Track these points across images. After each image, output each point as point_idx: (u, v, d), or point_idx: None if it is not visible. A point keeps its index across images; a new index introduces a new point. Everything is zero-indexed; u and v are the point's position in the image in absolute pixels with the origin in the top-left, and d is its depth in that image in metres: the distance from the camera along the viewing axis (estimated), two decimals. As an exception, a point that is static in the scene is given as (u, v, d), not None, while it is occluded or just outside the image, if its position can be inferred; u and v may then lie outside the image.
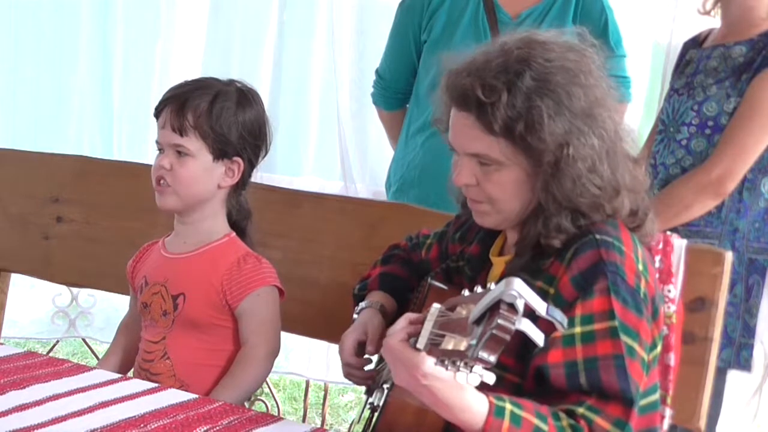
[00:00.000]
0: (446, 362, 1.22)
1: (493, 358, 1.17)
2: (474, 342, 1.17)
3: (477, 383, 1.21)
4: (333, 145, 3.25)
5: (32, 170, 2.72)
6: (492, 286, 1.21)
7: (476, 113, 1.53)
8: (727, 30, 2.34)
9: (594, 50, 1.58)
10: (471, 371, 1.19)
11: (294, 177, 3.31)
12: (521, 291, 1.16)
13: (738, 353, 2.28)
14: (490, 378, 1.20)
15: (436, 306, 1.31)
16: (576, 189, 1.51)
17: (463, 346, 1.19)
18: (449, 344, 1.22)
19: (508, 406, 1.37)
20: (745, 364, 2.30)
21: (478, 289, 1.26)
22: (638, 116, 2.83)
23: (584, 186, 1.51)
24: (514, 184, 1.56)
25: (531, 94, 1.49)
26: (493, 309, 1.17)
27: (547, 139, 1.50)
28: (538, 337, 1.18)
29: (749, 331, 2.29)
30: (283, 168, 3.33)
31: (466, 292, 1.28)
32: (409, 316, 1.38)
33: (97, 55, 3.55)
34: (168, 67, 3.41)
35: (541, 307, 1.18)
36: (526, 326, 1.17)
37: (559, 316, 1.20)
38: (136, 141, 3.50)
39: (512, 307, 1.16)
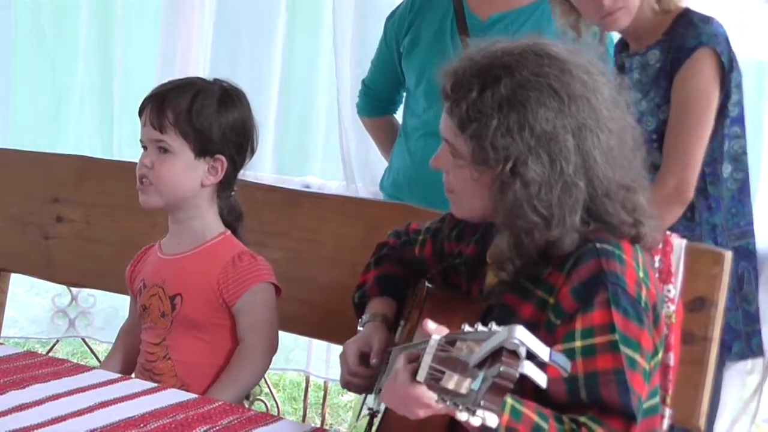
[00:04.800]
0: (447, 401, 1.21)
1: (495, 406, 1.17)
2: (475, 388, 1.18)
3: (478, 425, 1.20)
4: (335, 145, 3.26)
5: (32, 170, 2.72)
6: (493, 327, 1.21)
7: (449, 105, 1.56)
8: (636, 37, 2.28)
9: (607, 78, 1.56)
10: (473, 415, 1.19)
11: (294, 177, 3.32)
12: (523, 338, 1.16)
13: (749, 342, 2.28)
14: (493, 421, 1.19)
15: (435, 338, 1.29)
16: (515, 210, 1.50)
17: (464, 389, 1.19)
18: (449, 383, 1.21)
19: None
20: (758, 350, 2.30)
21: (479, 326, 1.25)
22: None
23: (523, 209, 1.49)
24: (472, 182, 1.56)
25: (501, 103, 1.49)
26: (495, 355, 1.17)
27: (489, 151, 1.49)
28: (541, 379, 1.18)
29: (752, 318, 2.28)
30: (283, 168, 3.34)
31: (466, 327, 1.26)
32: (408, 357, 1.37)
33: (97, 55, 3.55)
34: (168, 67, 3.40)
35: (544, 353, 1.18)
36: (529, 369, 1.17)
37: (562, 362, 1.19)
38: (136, 141, 3.47)
39: (514, 353, 1.16)
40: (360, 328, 1.84)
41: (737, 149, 2.27)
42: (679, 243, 1.74)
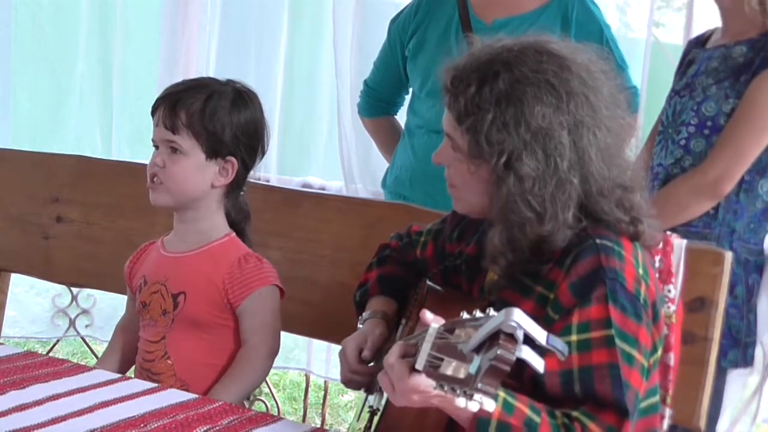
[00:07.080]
0: (445, 387, 1.22)
1: (492, 389, 1.18)
2: (473, 371, 1.18)
3: (476, 410, 1.21)
4: (335, 145, 3.26)
5: (32, 170, 2.72)
6: (491, 312, 1.22)
7: (448, 99, 1.57)
8: (728, 30, 2.33)
9: (608, 76, 1.56)
10: (471, 399, 1.19)
11: (294, 177, 3.33)
12: (520, 321, 1.16)
13: (744, 352, 2.28)
14: (490, 405, 1.20)
15: (434, 326, 1.30)
16: (508, 204, 1.50)
17: (462, 374, 1.20)
18: (448, 369, 1.22)
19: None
20: (750, 361, 2.31)
21: (477, 313, 1.25)
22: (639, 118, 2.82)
23: (516, 204, 1.49)
24: (469, 177, 1.57)
25: (498, 97, 1.50)
26: (493, 338, 1.18)
27: (484, 145, 1.50)
28: (538, 364, 1.18)
29: (752, 329, 2.29)
30: (283, 168, 3.34)
31: (464, 315, 1.27)
32: (402, 348, 1.37)
33: (97, 55, 3.55)
34: (170, 68, 3.40)
35: (541, 336, 1.18)
36: (527, 354, 1.17)
37: (560, 345, 1.20)
38: (135, 141, 3.50)
39: (511, 337, 1.16)
40: (360, 326, 1.85)
41: None
42: (679, 243, 1.74)
